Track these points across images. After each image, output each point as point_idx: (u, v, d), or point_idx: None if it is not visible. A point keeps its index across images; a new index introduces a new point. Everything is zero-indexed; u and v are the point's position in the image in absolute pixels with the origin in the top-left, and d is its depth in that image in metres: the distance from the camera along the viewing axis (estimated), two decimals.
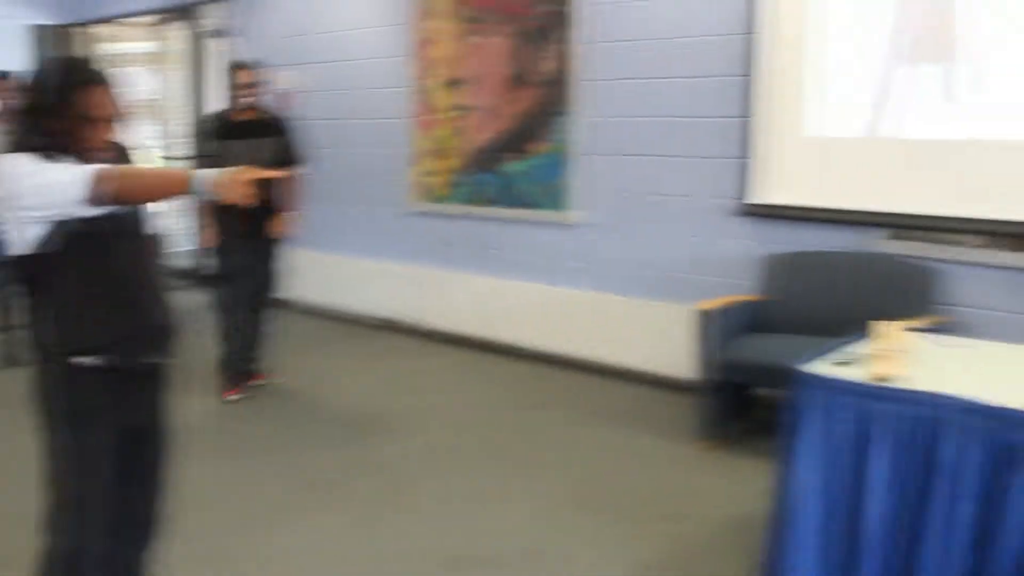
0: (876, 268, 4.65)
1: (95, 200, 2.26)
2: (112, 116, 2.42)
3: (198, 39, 8.77)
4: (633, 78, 5.58)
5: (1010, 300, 4.39)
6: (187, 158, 9.01)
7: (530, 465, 4.39)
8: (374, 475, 4.25)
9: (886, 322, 3.36)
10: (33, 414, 2.46)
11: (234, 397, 5.29)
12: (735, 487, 4.05)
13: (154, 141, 9.67)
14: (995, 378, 2.98)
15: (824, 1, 4.80)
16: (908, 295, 4.51)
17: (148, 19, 9.41)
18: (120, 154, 2.58)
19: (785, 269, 4.84)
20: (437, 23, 6.60)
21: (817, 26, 4.83)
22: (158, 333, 2.52)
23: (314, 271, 7.27)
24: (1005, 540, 2.61)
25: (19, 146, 2.36)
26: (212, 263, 5.42)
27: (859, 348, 3.18)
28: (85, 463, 2.43)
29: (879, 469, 2.80)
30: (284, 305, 5.60)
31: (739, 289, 4.99)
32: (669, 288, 5.46)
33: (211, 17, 8.62)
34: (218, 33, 8.55)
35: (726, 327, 4.54)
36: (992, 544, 2.63)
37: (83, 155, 2.37)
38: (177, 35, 9.15)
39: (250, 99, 5.28)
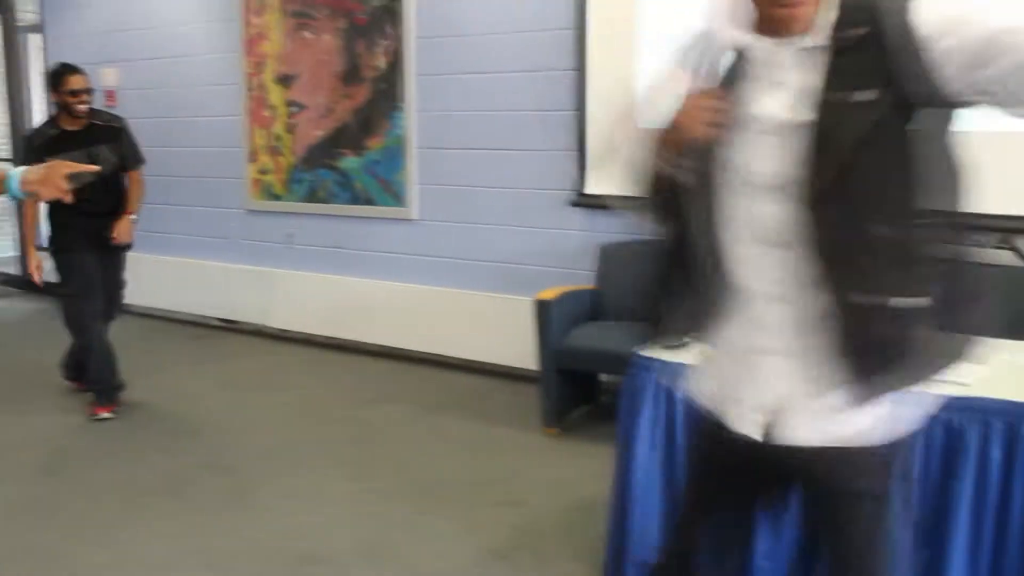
0: None
1: None
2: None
3: (12, 34, 8.35)
4: (466, 72, 5.63)
5: None
6: (8, 160, 8.63)
7: (373, 460, 4.39)
8: (216, 477, 4.17)
9: None
10: None
11: (107, 415, 4.98)
12: (578, 472, 4.15)
13: None
14: None
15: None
16: None
17: None
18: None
19: (616, 258, 4.98)
20: (267, 18, 6.49)
21: (642, 18, 4.97)
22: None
23: (152, 274, 7.04)
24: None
25: None
26: (56, 274, 5.06)
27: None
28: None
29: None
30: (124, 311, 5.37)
31: (577, 279, 5.11)
32: (509, 280, 5.54)
33: (26, 11, 8.23)
34: (34, 28, 8.18)
35: (563, 316, 4.64)
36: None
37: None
38: None
39: (84, 107, 4.86)
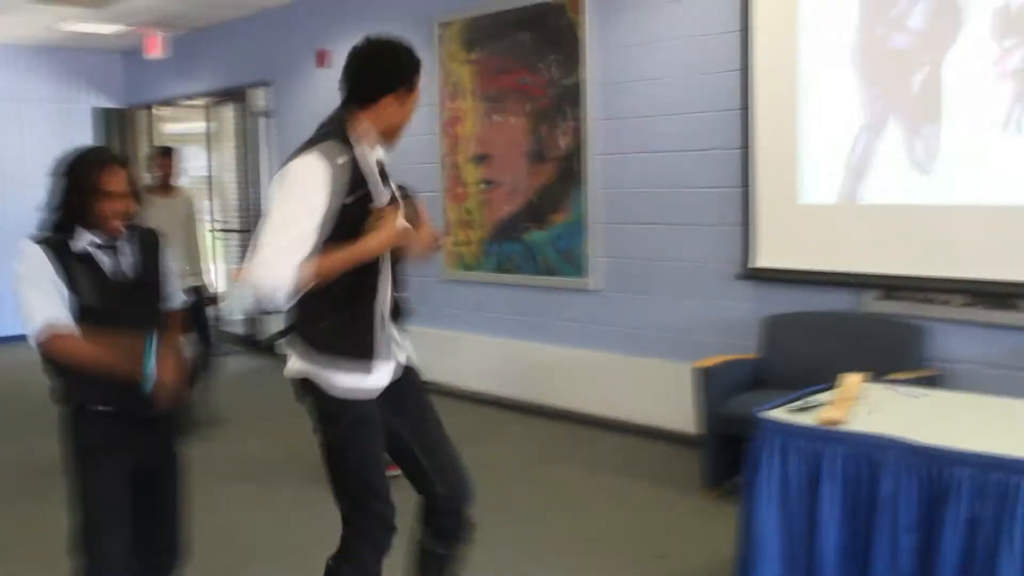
0: (866, 326, 4.93)
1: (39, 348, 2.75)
2: (126, 193, 2.86)
3: (245, 120, 9.35)
4: (641, 151, 5.96)
5: (990, 354, 4.65)
6: (239, 230, 9.60)
7: (543, 513, 4.69)
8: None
9: (851, 374, 3.68)
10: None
11: None
12: (729, 531, 4.30)
13: (208, 215, 10.25)
14: (941, 422, 3.26)
15: (810, 77, 5.15)
16: (896, 351, 4.76)
17: (202, 101, 10.03)
18: (145, 236, 3.00)
19: (781, 329, 5.14)
20: (462, 103, 7.06)
21: (805, 101, 5.17)
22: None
23: None
24: (942, 567, 2.87)
25: (41, 225, 2.87)
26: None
27: (821, 397, 3.48)
28: (92, 495, 2.86)
29: (829, 505, 3.08)
30: None
31: (742, 349, 5.28)
32: (678, 348, 5.76)
33: (257, 99, 9.22)
34: (264, 114, 9.14)
35: (723, 383, 4.84)
36: (931, 569, 2.90)
37: (98, 227, 2.84)
38: (227, 116, 9.74)
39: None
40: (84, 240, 2.85)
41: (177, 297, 3.13)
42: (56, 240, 2.84)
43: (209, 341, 6.49)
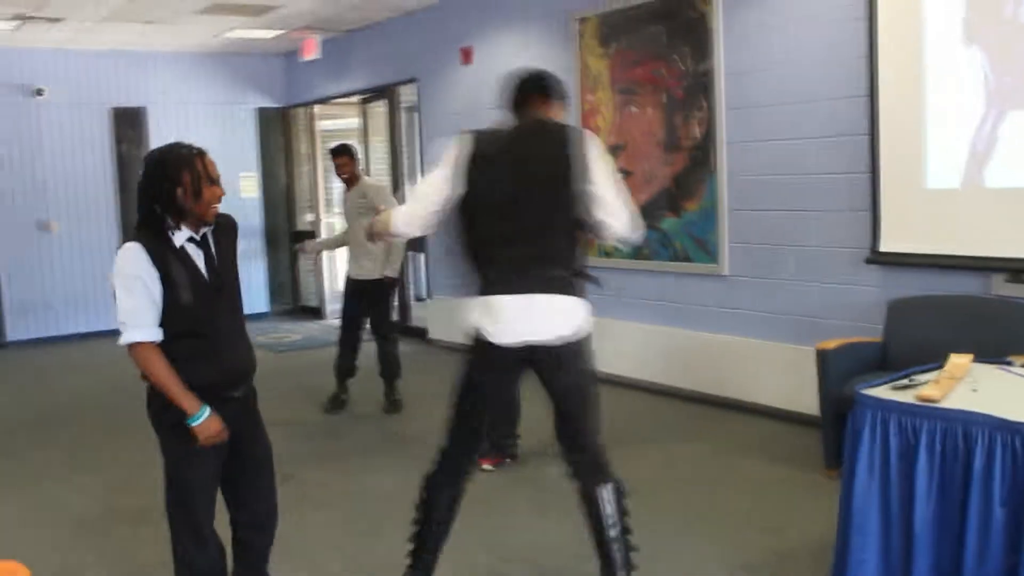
0: (991, 309, 4.94)
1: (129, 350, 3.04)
2: (215, 180, 3.07)
3: (395, 115, 9.83)
4: (769, 139, 6.08)
5: None
6: None
7: (667, 486, 4.91)
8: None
9: (960, 354, 3.77)
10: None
11: (488, 467, 5.30)
12: None
13: None
14: None
15: (936, 61, 5.17)
16: (1019, 335, 4.76)
17: (355, 99, 10.57)
18: (227, 227, 3.26)
19: (905, 312, 5.18)
20: (599, 95, 7.29)
21: (931, 85, 5.20)
22: (238, 373, 3.20)
23: None
24: None
25: (138, 224, 3.07)
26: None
27: (925, 376, 3.58)
28: (182, 470, 3.14)
29: (924, 478, 3.21)
30: None
31: (869, 332, 5.36)
32: (804, 332, 5.86)
33: (405, 96, 9.69)
34: (411, 109, 9.59)
35: (844, 365, 4.94)
36: (1021, 543, 3.00)
37: (193, 222, 3.06)
38: (378, 112, 10.25)
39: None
40: (182, 236, 3.04)
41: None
42: (155, 238, 3.01)
43: (387, 334, 6.90)
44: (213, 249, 3.15)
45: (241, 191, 11.13)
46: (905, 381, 3.54)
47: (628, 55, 7.04)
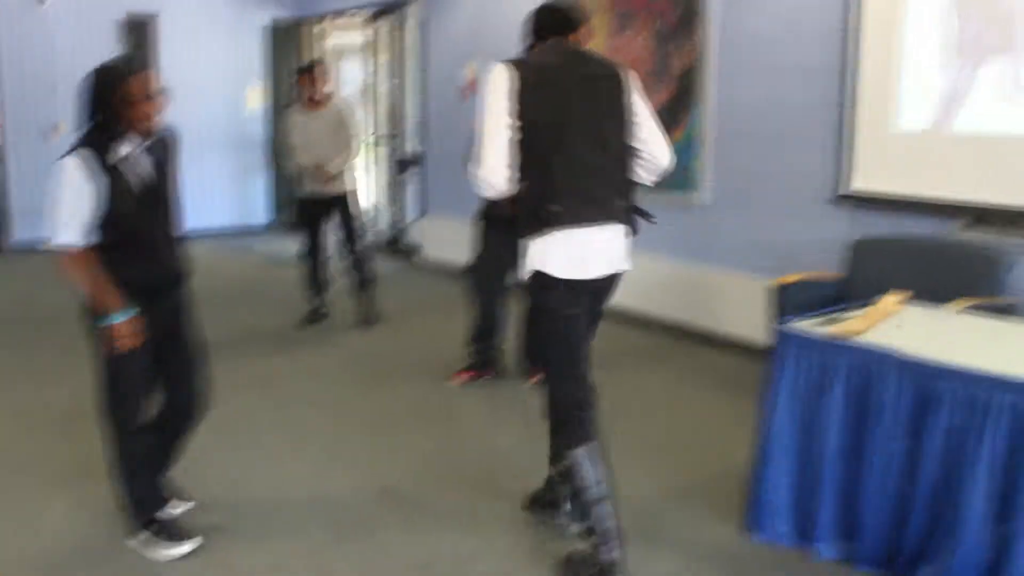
0: (950, 252, 5.01)
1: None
2: (152, 96, 3.19)
3: (398, 32, 9.84)
4: (755, 72, 6.11)
5: None
6: (390, 136, 10.19)
7: (629, 413, 5.04)
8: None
9: (892, 292, 3.88)
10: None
11: (459, 382, 5.58)
12: None
13: (365, 126, 10.87)
14: (954, 340, 3.44)
15: (910, 3, 5.18)
16: (977, 278, 4.83)
17: (362, 14, 10.56)
18: (168, 142, 3.41)
19: (867, 251, 5.26)
20: (597, 18, 7.30)
21: (906, 26, 5.21)
22: (172, 276, 3.45)
23: None
24: (925, 472, 3.12)
25: (78, 140, 3.20)
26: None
27: (853, 313, 3.70)
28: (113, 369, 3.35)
29: (836, 410, 3.36)
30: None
31: (835, 269, 5.44)
32: (774, 265, 5.93)
33: (410, 13, 9.69)
34: (418, 26, 9.61)
35: (798, 300, 5.03)
36: (917, 474, 3.15)
37: (133, 135, 3.21)
38: (384, 29, 10.25)
39: None
40: (123, 147, 3.21)
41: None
42: (93, 152, 3.16)
43: (357, 244, 7.03)
44: (153, 161, 3.32)
45: (247, 103, 11.20)
46: (833, 316, 3.67)
47: None
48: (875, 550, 3.30)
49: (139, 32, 10.69)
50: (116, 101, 3.16)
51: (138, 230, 3.29)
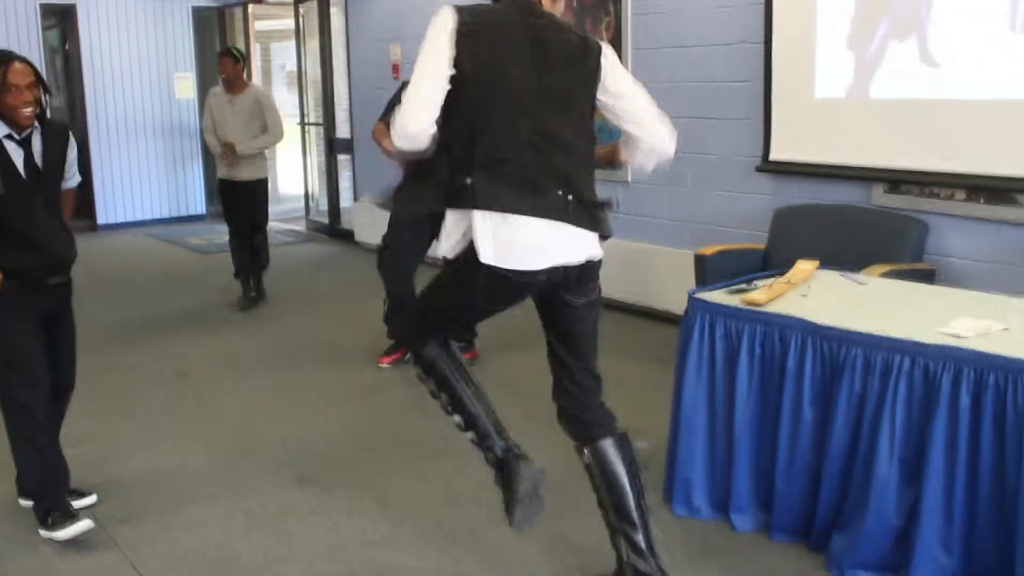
0: (869, 219, 5.02)
1: None
2: (30, 85, 3.27)
3: (325, 16, 9.70)
4: (673, 46, 6.06)
5: (985, 249, 4.70)
6: (317, 123, 10.06)
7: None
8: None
9: (804, 260, 3.85)
10: None
11: (385, 365, 5.49)
12: None
13: (295, 109, 10.72)
14: (860, 305, 3.41)
15: None
16: (896, 244, 4.85)
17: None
18: (58, 132, 3.48)
19: (788, 220, 5.26)
20: None
21: None
22: (52, 264, 3.46)
23: None
24: (835, 439, 3.09)
25: None
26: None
27: (764, 281, 3.67)
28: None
29: (744, 379, 3.32)
30: None
31: (760, 240, 5.43)
32: (701, 238, 5.92)
33: None
34: (343, 10, 9.47)
35: (721, 271, 5.00)
36: (827, 442, 3.12)
37: (10, 119, 3.29)
38: (310, 12, 10.09)
39: None
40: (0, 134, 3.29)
41: (73, 179, 3.66)
42: None
43: (258, 231, 7.03)
44: (37, 150, 3.38)
45: (176, 92, 10.99)
46: (743, 286, 3.63)
47: None
48: (790, 520, 3.27)
49: (61, 18, 10.45)
50: None
51: (15, 215, 3.32)
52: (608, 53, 2.81)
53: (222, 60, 6.85)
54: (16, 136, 3.32)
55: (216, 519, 3.64)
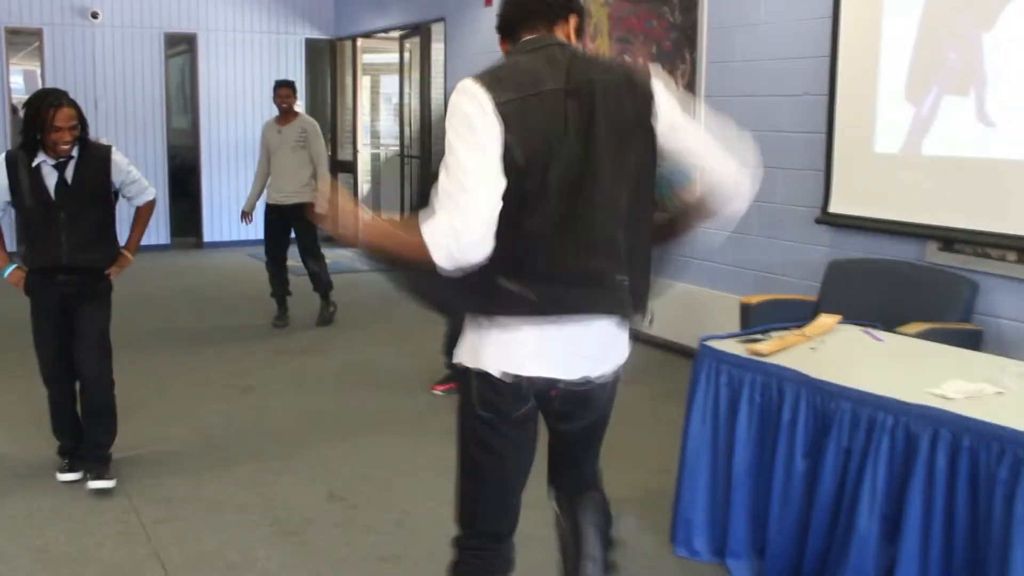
0: (920, 276, 5.00)
1: None
2: (70, 127, 3.95)
3: (428, 51, 10.05)
4: (742, 95, 6.14)
5: None
6: (420, 156, 10.37)
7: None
8: None
9: (826, 314, 3.91)
10: None
11: (439, 392, 5.64)
12: None
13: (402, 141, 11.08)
14: (868, 363, 3.46)
15: (890, 29, 5.18)
16: (945, 302, 4.82)
17: (395, 34, 10.79)
18: (96, 160, 4.13)
19: (841, 273, 5.27)
20: (599, 43, 7.40)
21: (885, 53, 5.21)
22: (60, 267, 4.09)
23: None
24: (822, 492, 3.15)
25: (18, 145, 4.10)
26: None
27: (781, 332, 3.73)
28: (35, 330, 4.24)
29: (744, 428, 3.40)
30: None
31: (814, 291, 5.45)
32: (763, 286, 5.97)
33: (436, 33, 9.89)
34: (443, 47, 9.80)
35: (767, 320, 5.05)
36: (815, 494, 3.17)
37: (49, 150, 3.98)
38: (415, 47, 10.46)
39: None
40: (40, 158, 4.00)
41: (141, 196, 4.36)
42: (19, 155, 4.01)
43: (316, 254, 7.37)
44: (69, 173, 4.07)
45: None
46: (759, 336, 3.71)
47: (625, 5, 7.12)
48: (781, 569, 3.32)
49: (183, 47, 11.07)
50: (33, 124, 3.97)
51: (39, 225, 4.08)
52: (660, 77, 2.33)
53: (279, 91, 7.36)
54: (51, 161, 4.01)
55: (244, 525, 3.88)
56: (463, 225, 2.03)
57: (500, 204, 2.08)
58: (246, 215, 7.56)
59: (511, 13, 2.39)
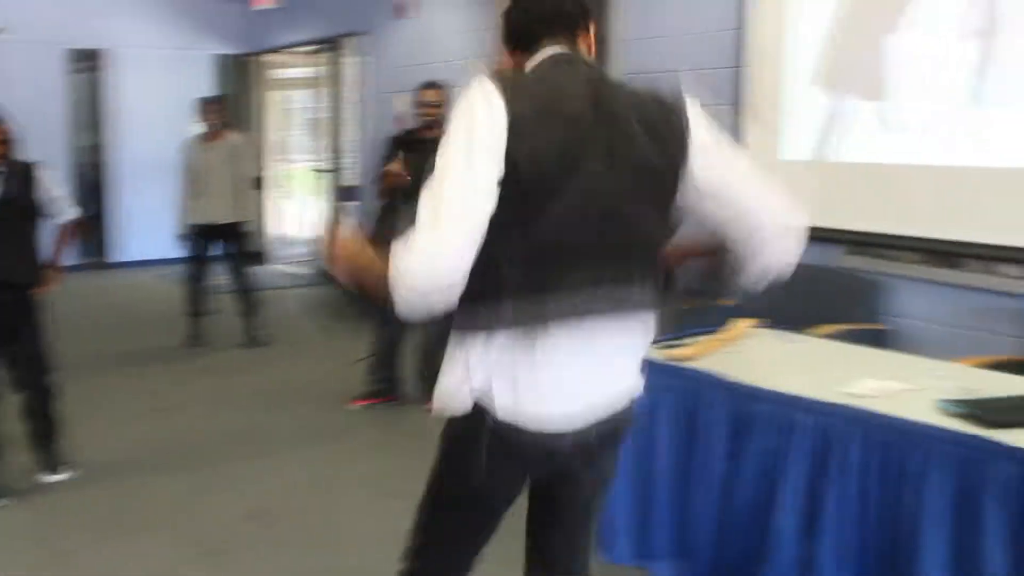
0: (826, 280, 5.13)
1: None
2: (2, 141, 4.12)
3: (341, 66, 10.00)
4: (654, 71, 6.24)
5: (936, 311, 4.81)
6: (336, 170, 10.33)
7: None
8: None
9: (742, 318, 3.99)
10: None
11: (356, 407, 5.69)
12: None
13: (315, 156, 11.00)
14: (781, 363, 3.55)
15: (794, 40, 5.34)
16: (851, 305, 4.98)
17: (307, 48, 10.72)
18: (22, 172, 4.18)
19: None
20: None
21: (790, 62, 5.37)
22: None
23: None
24: (741, 493, 3.21)
25: None
26: None
27: (699, 337, 3.80)
28: None
29: (662, 431, 3.45)
30: None
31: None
32: None
33: (352, 48, 9.85)
34: (357, 61, 9.77)
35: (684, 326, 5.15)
36: (735, 495, 3.24)
37: None
38: (328, 62, 10.41)
39: (430, 118, 5.50)
40: None
41: (62, 214, 4.32)
42: None
43: (242, 271, 7.29)
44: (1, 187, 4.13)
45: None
46: (676, 342, 3.77)
47: None
48: (704, 570, 3.38)
49: (88, 64, 10.83)
50: None
51: None
52: (696, 109, 2.18)
53: (207, 106, 7.24)
54: None
55: (166, 547, 3.81)
56: (434, 245, 1.82)
57: (480, 227, 1.86)
58: (183, 238, 7.32)
59: (524, 21, 2.12)
